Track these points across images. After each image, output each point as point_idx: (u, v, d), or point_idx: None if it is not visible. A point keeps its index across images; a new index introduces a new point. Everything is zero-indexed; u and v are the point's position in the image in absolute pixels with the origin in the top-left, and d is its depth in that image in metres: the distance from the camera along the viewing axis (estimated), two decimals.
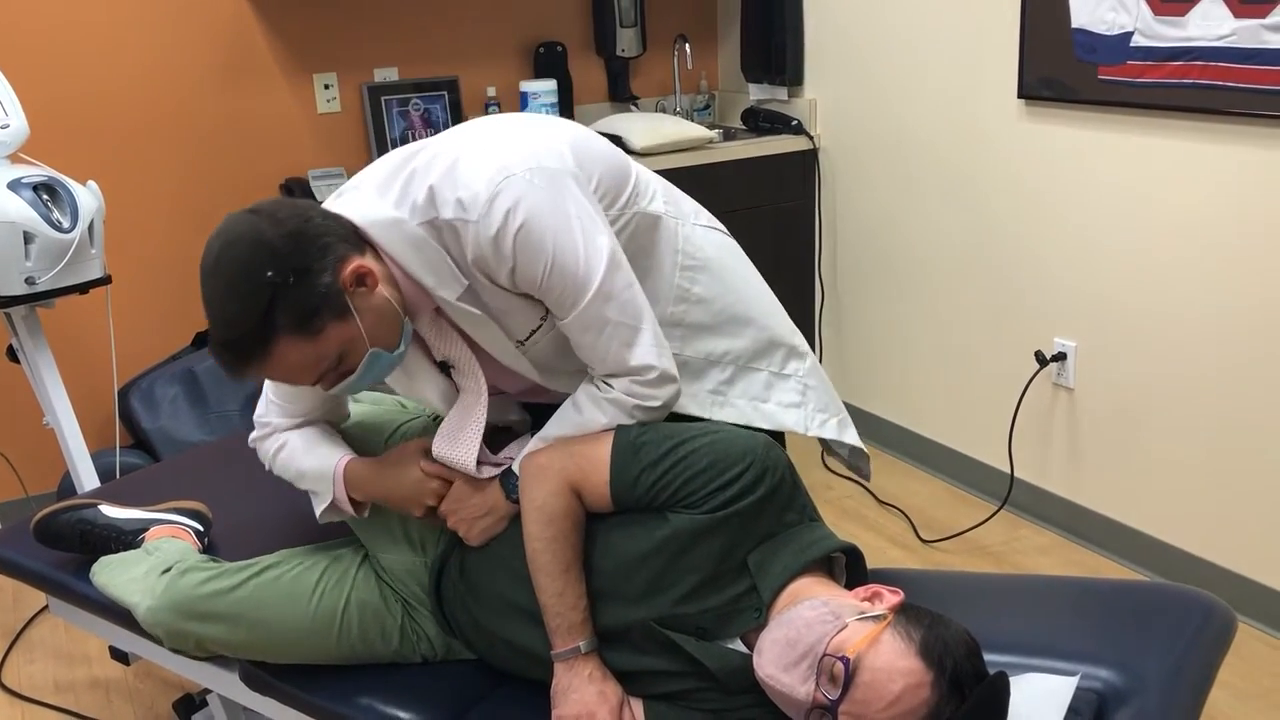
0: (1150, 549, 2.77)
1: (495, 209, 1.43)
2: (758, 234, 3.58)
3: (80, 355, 3.23)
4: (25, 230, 2.37)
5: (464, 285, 1.48)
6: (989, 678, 1.26)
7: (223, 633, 1.66)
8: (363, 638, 1.63)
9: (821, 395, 1.83)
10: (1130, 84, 2.58)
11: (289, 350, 1.40)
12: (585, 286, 1.48)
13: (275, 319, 1.37)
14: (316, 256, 1.39)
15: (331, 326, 1.41)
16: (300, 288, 1.38)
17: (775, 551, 1.41)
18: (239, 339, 1.38)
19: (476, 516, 1.59)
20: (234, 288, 1.37)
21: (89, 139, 3.16)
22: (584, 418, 1.56)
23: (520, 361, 1.59)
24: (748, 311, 1.77)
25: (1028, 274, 2.97)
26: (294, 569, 1.68)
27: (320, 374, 1.45)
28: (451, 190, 1.45)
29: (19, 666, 2.67)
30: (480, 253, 1.45)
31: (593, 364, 1.55)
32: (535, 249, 1.45)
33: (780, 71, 3.64)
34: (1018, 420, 3.05)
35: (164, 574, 1.72)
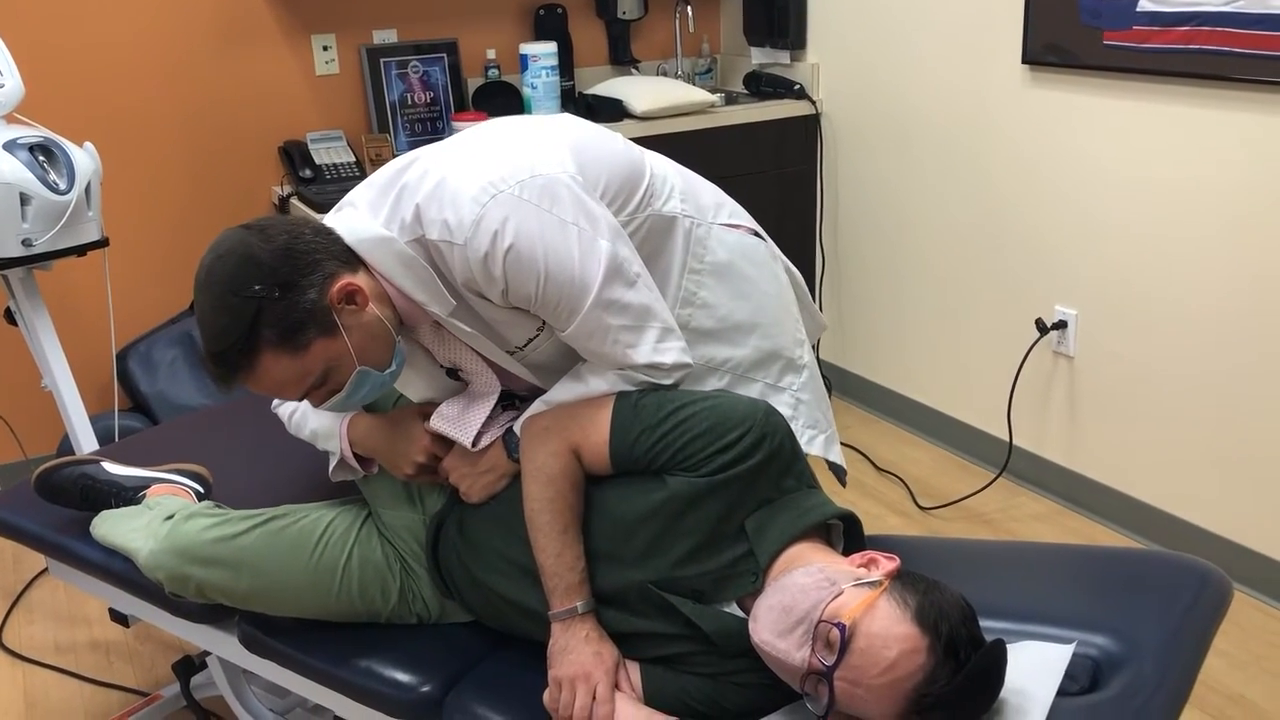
0: (1147, 517, 2.78)
1: (482, 231, 1.41)
2: (759, 199, 3.56)
3: (78, 318, 3.22)
4: (21, 192, 2.36)
5: (452, 305, 1.49)
6: (986, 645, 1.26)
7: (224, 579, 1.67)
8: (362, 594, 1.64)
9: (813, 410, 1.80)
10: (1136, 49, 2.56)
11: (273, 364, 1.42)
12: (581, 299, 1.46)
13: (260, 332, 1.39)
14: (304, 272, 1.41)
15: (317, 343, 1.42)
16: (285, 302, 1.39)
17: (773, 516, 1.41)
18: (225, 351, 1.40)
19: (478, 473, 1.60)
20: (222, 301, 1.39)
21: (86, 100, 3.14)
22: (588, 387, 1.56)
23: (517, 367, 1.60)
24: (753, 320, 1.74)
25: (1029, 241, 2.95)
26: (299, 521, 1.69)
27: (306, 389, 1.46)
28: (438, 210, 1.43)
29: (19, 628, 2.68)
30: (469, 275, 1.45)
31: (598, 363, 1.55)
32: (526, 268, 1.43)
33: (783, 35, 3.61)
34: (1017, 388, 3.05)
35: (167, 520, 1.75)
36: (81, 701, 2.41)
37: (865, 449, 3.38)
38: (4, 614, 2.72)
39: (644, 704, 1.43)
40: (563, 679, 1.41)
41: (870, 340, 3.61)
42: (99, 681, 2.46)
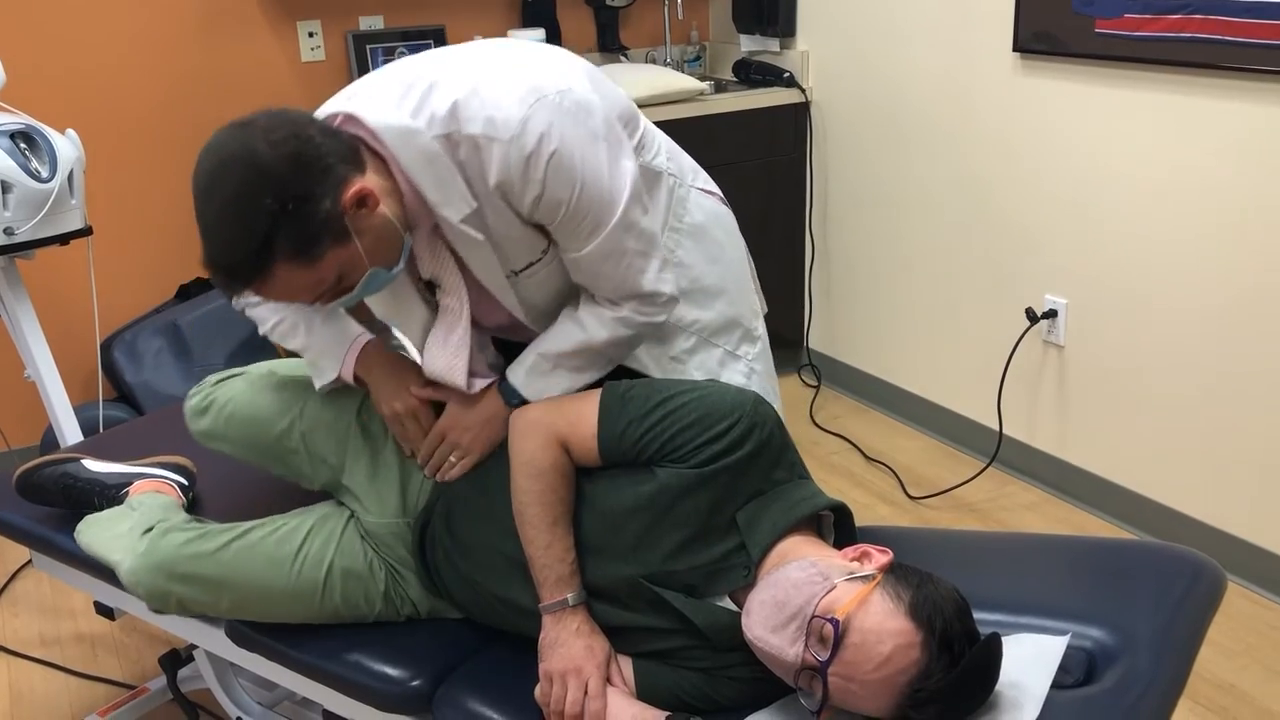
0: (1137, 506, 2.78)
1: (528, 131, 1.40)
2: (748, 188, 3.55)
3: (62, 308, 3.19)
4: (3, 180, 2.33)
5: (472, 207, 1.46)
6: (982, 640, 1.25)
7: (204, 594, 1.64)
8: (345, 602, 1.62)
9: (764, 381, 1.86)
10: (1128, 37, 2.55)
11: (287, 276, 1.36)
12: (608, 215, 1.48)
13: (274, 246, 1.32)
14: (317, 180, 1.33)
15: (331, 251, 1.37)
16: (300, 215, 1.32)
17: (764, 509, 1.40)
18: (235, 264, 1.34)
19: (479, 423, 1.60)
20: (230, 213, 1.32)
21: (68, 87, 3.10)
22: (587, 334, 1.58)
23: (508, 293, 1.57)
24: (720, 285, 1.79)
25: (1020, 230, 2.95)
26: (277, 532, 1.65)
27: (318, 295, 1.42)
28: (480, 107, 1.41)
29: (3, 621, 2.66)
30: (507, 175, 1.42)
31: (602, 290, 1.55)
32: (565, 175, 1.42)
33: (772, 22, 3.59)
34: (1007, 377, 3.04)
35: (146, 533, 1.70)
36: (67, 695, 2.39)
37: (854, 438, 3.37)
38: None
39: (636, 698, 1.41)
40: (554, 673, 1.40)
41: (860, 329, 3.60)
42: (85, 674, 2.44)
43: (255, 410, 1.77)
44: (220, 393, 1.83)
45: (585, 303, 1.62)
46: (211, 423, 1.83)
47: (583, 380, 1.62)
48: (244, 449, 1.81)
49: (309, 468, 1.73)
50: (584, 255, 1.50)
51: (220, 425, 1.81)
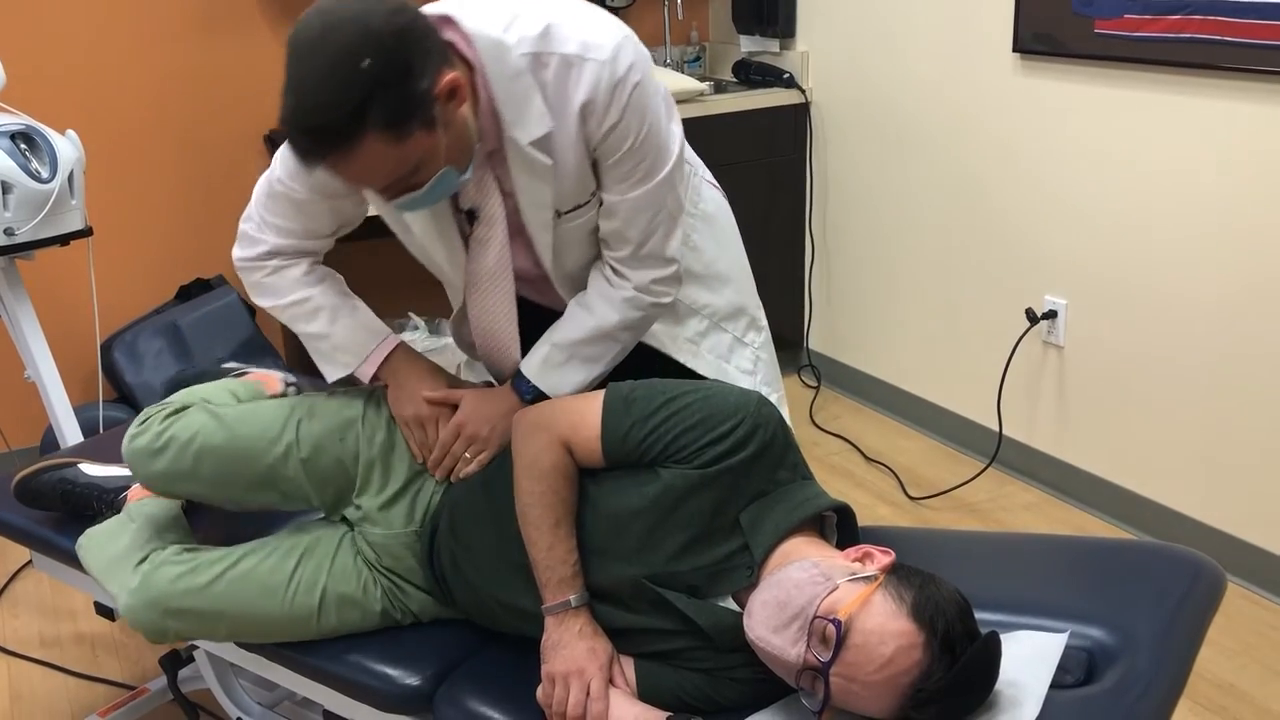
0: (1136, 506, 2.78)
1: (620, 58, 1.46)
2: (748, 188, 3.55)
3: (62, 308, 3.19)
4: (3, 180, 2.33)
5: (548, 128, 1.48)
6: (981, 639, 1.25)
7: (200, 626, 1.64)
8: (342, 624, 1.62)
9: (770, 369, 1.93)
10: (1127, 38, 2.55)
11: (373, 149, 1.34)
12: (660, 165, 1.55)
13: (368, 114, 1.30)
14: (419, 57, 1.33)
15: (419, 133, 1.35)
16: (400, 87, 1.32)
17: (767, 509, 1.40)
18: (325, 127, 1.31)
19: (496, 417, 1.61)
20: (332, 73, 1.29)
21: (68, 87, 3.10)
22: (597, 318, 1.62)
23: (546, 234, 1.59)
24: (729, 272, 1.87)
25: (1020, 231, 2.95)
26: (268, 560, 1.63)
27: (393, 180, 1.40)
28: (575, 30, 1.46)
29: (3, 621, 2.66)
30: (595, 95, 1.46)
31: (624, 245, 1.59)
32: (639, 111, 1.49)
33: (772, 23, 3.59)
34: (1007, 378, 3.05)
35: (140, 565, 1.68)
36: (67, 695, 2.39)
37: (855, 439, 3.37)
38: None
39: (638, 700, 1.41)
40: (556, 675, 1.40)
41: (860, 330, 3.61)
42: (84, 675, 2.44)
43: (237, 442, 1.66)
44: (178, 428, 1.68)
45: (594, 286, 1.65)
46: (173, 462, 1.67)
47: (596, 371, 1.64)
48: (218, 487, 1.69)
49: (309, 493, 1.67)
50: (625, 200, 1.55)
51: (188, 464, 1.66)
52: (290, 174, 1.59)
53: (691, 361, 1.82)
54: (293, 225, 1.64)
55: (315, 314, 1.67)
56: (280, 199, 1.62)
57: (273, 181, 1.62)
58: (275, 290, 1.68)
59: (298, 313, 1.68)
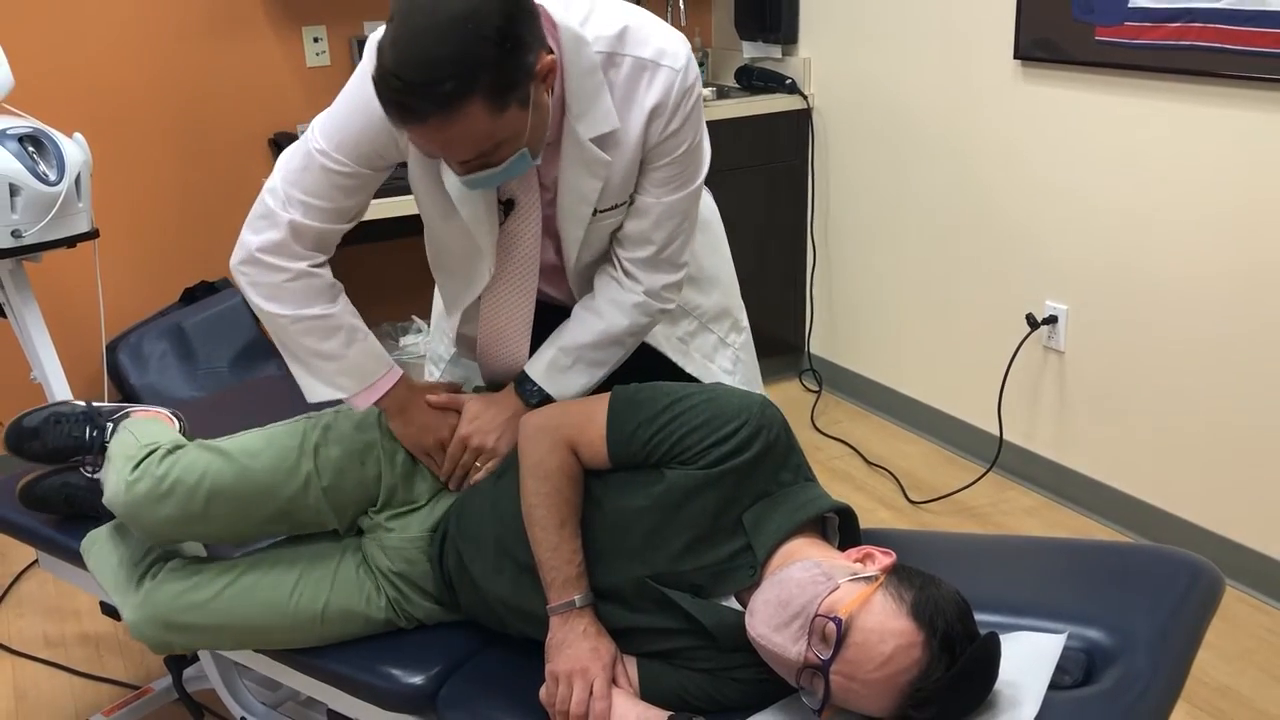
0: (1137, 512, 2.79)
1: (691, 69, 1.55)
2: (750, 194, 3.56)
3: (68, 310, 3.20)
4: (11, 183, 2.34)
5: (613, 126, 1.52)
6: (980, 639, 1.26)
7: (204, 639, 1.67)
8: (345, 633, 1.64)
9: (749, 370, 1.99)
10: (1128, 45, 2.56)
11: (473, 116, 1.33)
12: (697, 175, 1.63)
13: (478, 79, 1.30)
14: (529, 34, 1.36)
15: (514, 109, 1.36)
16: (511, 58, 1.33)
17: (770, 510, 1.41)
18: (433, 84, 1.29)
19: (501, 423, 1.64)
20: (451, 33, 1.29)
21: (75, 91, 3.12)
22: (606, 322, 1.66)
23: (579, 228, 1.62)
24: (717, 275, 1.93)
25: (1020, 236, 2.96)
26: (270, 574, 1.64)
27: (479, 153, 1.39)
28: (652, 36, 1.52)
29: (9, 621, 2.67)
30: (665, 99, 1.52)
31: (648, 249, 1.64)
32: (694, 122, 1.58)
33: (775, 29, 3.61)
34: (1007, 383, 3.06)
35: (142, 580, 1.69)
36: (71, 695, 2.40)
37: (855, 443, 3.39)
38: None
39: (640, 699, 1.43)
40: (560, 674, 1.41)
41: (861, 334, 3.62)
42: (89, 675, 2.45)
43: (251, 477, 1.62)
44: (180, 470, 1.62)
45: (603, 291, 1.67)
46: (182, 506, 1.61)
47: (600, 375, 1.67)
48: (230, 526, 1.65)
49: (329, 518, 1.66)
50: (661, 203, 1.61)
51: (198, 507, 1.61)
52: (337, 145, 1.52)
53: (681, 360, 1.88)
54: (323, 204, 1.55)
55: (333, 333, 1.60)
56: (318, 173, 1.54)
57: (312, 153, 1.54)
58: (295, 298, 1.58)
59: (314, 326, 1.58)
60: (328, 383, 1.62)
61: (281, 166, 1.58)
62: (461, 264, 1.70)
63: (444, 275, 1.78)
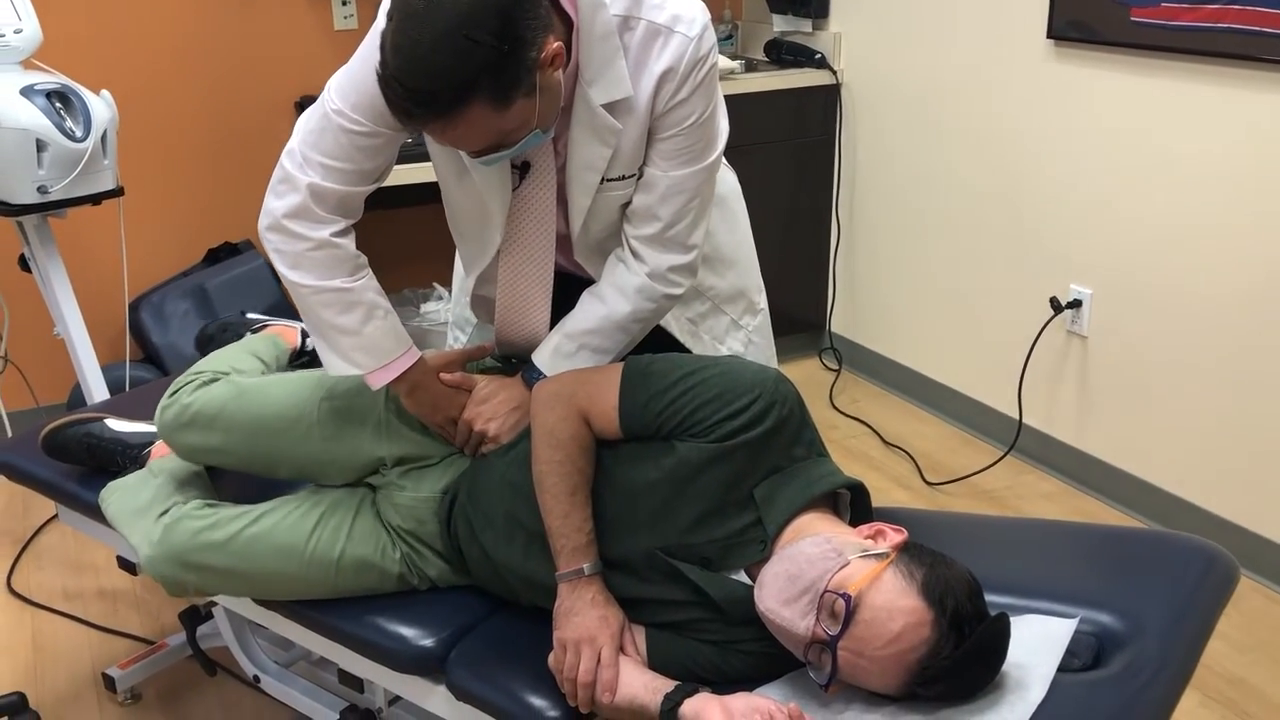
0: (1155, 499, 2.77)
1: (705, 38, 1.51)
2: (775, 169, 3.54)
3: (93, 267, 3.22)
4: (38, 138, 2.35)
5: (626, 94, 1.50)
6: (989, 619, 1.26)
7: (219, 582, 1.66)
8: (358, 584, 1.64)
9: (761, 352, 1.96)
10: (1164, 27, 2.53)
11: (477, 116, 1.33)
12: (708, 152, 1.59)
13: (478, 83, 1.30)
14: (530, 27, 1.32)
15: (520, 101, 1.35)
16: (512, 58, 1.31)
17: (782, 485, 1.41)
18: (433, 92, 1.30)
19: (505, 412, 1.62)
20: (448, 39, 1.28)
21: (104, 48, 3.12)
22: (608, 308, 1.63)
23: (586, 197, 1.60)
24: (734, 256, 1.89)
25: (1047, 219, 2.93)
26: (288, 518, 1.65)
27: (488, 145, 1.39)
28: (666, 2, 1.49)
29: (28, 574, 2.70)
30: (676, 65, 1.49)
31: (654, 225, 1.61)
32: (706, 93, 1.54)
33: (805, 3, 3.58)
34: (1029, 366, 3.04)
35: (161, 517, 1.70)
36: (89, 648, 2.43)
37: (874, 423, 3.37)
38: (13, 559, 2.74)
39: (648, 668, 1.43)
40: (568, 641, 1.41)
41: (882, 314, 3.60)
42: (106, 628, 2.48)
43: (263, 423, 1.69)
44: (203, 402, 1.71)
45: (608, 275, 1.65)
46: (201, 436, 1.72)
47: (605, 362, 1.65)
48: (245, 461, 1.74)
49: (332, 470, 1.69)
50: (668, 176, 1.57)
51: (215, 438, 1.71)
52: (353, 105, 1.51)
53: (689, 342, 1.85)
54: (344, 165, 1.54)
55: (352, 307, 1.59)
56: (336, 133, 1.53)
57: (329, 114, 1.53)
58: (318, 268, 1.57)
59: (333, 299, 1.58)
60: (344, 357, 1.62)
61: (300, 128, 1.57)
62: (474, 226, 1.71)
63: (459, 236, 1.78)
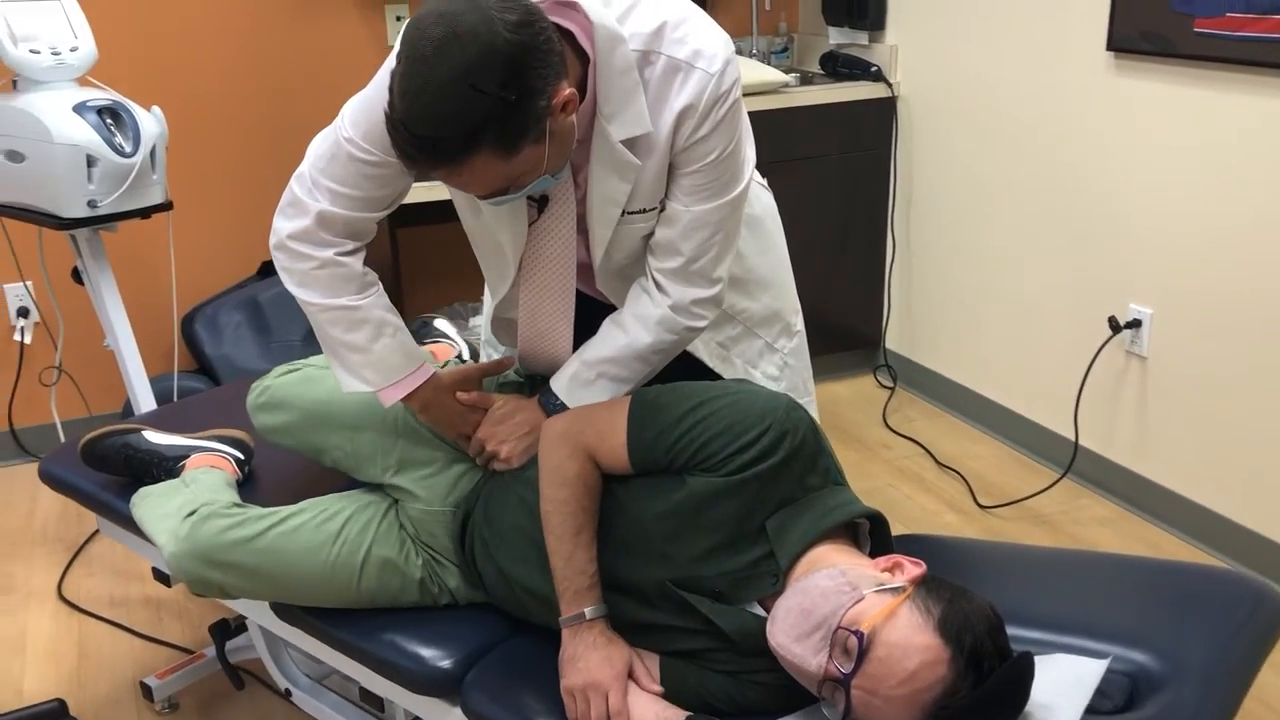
0: (1217, 527, 2.67)
1: (728, 74, 1.47)
2: (830, 183, 3.49)
3: (147, 280, 3.28)
4: (88, 153, 2.39)
5: (645, 130, 1.46)
6: (1011, 659, 1.21)
7: (243, 581, 1.66)
8: (381, 589, 1.63)
9: (797, 374, 1.89)
10: (1228, 38, 2.44)
11: (483, 165, 1.32)
12: (731, 187, 1.54)
13: (484, 133, 1.28)
14: (539, 76, 1.29)
15: (529, 149, 1.33)
16: (519, 108, 1.28)
17: (795, 517, 1.37)
18: (438, 140, 1.29)
19: (518, 436, 1.61)
20: (453, 88, 1.25)
21: (157, 64, 3.18)
22: (629, 337, 1.60)
23: (607, 230, 1.57)
24: (769, 278, 1.83)
25: (1107, 236, 2.85)
26: (315, 519, 1.65)
27: (494, 190, 1.38)
28: (689, 35, 1.45)
29: (78, 580, 2.75)
30: (696, 103, 1.45)
31: (677, 259, 1.57)
32: (729, 129, 1.49)
33: (862, 15, 3.53)
34: (1086, 387, 2.95)
35: (189, 517, 1.71)
36: (131, 655, 2.46)
37: (927, 443, 3.30)
38: (64, 566, 2.79)
39: (660, 698, 1.40)
40: (574, 689, 1.39)
41: (938, 331, 3.53)
42: (148, 637, 2.50)
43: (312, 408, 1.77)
44: (277, 389, 1.84)
45: (631, 305, 1.62)
46: (273, 418, 1.84)
47: (623, 390, 1.62)
48: (303, 441, 1.82)
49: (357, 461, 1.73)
50: (690, 211, 1.53)
51: (281, 419, 1.82)
52: (364, 134, 1.50)
53: (720, 367, 1.80)
54: (353, 192, 1.54)
55: (359, 325, 1.60)
56: (346, 161, 1.52)
57: (341, 141, 1.52)
58: (324, 287, 1.58)
59: (339, 317, 1.59)
60: (354, 374, 1.63)
61: (311, 151, 1.57)
62: (491, 257, 1.70)
63: (481, 262, 1.77)
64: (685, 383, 1.48)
